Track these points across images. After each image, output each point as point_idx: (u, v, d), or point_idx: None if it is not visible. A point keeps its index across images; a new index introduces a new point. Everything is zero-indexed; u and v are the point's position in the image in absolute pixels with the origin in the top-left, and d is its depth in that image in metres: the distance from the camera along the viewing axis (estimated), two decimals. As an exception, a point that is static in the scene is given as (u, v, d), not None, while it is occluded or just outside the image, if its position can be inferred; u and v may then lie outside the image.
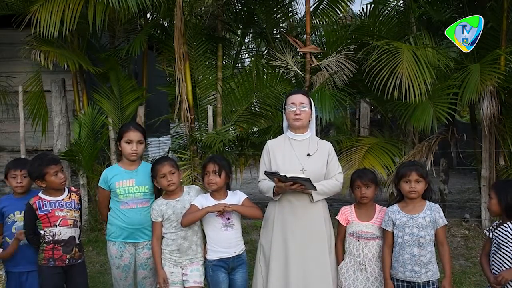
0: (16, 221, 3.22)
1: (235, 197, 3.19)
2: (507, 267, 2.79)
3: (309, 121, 3.24)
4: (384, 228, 3.04)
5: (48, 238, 3.06)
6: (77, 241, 3.15)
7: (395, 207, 3.05)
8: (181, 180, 3.30)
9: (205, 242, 3.20)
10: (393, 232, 3.01)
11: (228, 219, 3.12)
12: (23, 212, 3.16)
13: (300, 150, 3.18)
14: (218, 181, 3.11)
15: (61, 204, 3.12)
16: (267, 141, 3.32)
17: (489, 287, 2.89)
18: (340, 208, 3.26)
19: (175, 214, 3.13)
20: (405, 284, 2.96)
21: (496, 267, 2.85)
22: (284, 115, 3.30)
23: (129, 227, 3.20)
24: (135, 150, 3.23)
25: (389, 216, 3.02)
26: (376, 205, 3.20)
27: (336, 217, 3.23)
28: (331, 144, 3.26)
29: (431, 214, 2.94)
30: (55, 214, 3.07)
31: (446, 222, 2.99)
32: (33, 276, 3.18)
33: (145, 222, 3.22)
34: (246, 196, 3.23)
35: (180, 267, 3.15)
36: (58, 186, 3.12)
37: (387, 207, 3.14)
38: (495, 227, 2.91)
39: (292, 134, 3.24)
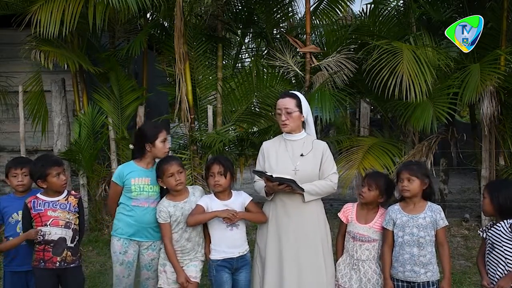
0: (20, 221, 3.20)
1: (240, 198, 3.19)
2: (501, 267, 2.79)
3: (303, 121, 3.23)
4: (385, 227, 3.04)
5: (39, 237, 3.03)
6: (68, 243, 3.08)
7: (396, 206, 3.05)
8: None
9: (209, 242, 3.20)
10: (393, 232, 3.01)
11: None
12: None
13: (294, 150, 3.17)
14: (223, 182, 3.11)
15: (55, 205, 3.09)
16: (263, 142, 3.32)
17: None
18: (343, 206, 3.26)
19: (184, 216, 3.12)
20: (404, 284, 2.96)
21: (491, 267, 2.85)
22: None
23: (137, 224, 3.20)
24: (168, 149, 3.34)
25: (390, 215, 3.02)
26: (380, 208, 3.17)
27: (338, 213, 3.23)
28: (326, 144, 3.25)
29: (432, 215, 2.94)
30: (47, 214, 3.05)
31: (447, 223, 2.98)
32: None
33: (153, 222, 3.22)
34: (251, 198, 3.22)
35: (181, 266, 3.15)
36: (59, 188, 3.11)
37: (387, 206, 3.14)
38: (488, 227, 2.92)
39: (287, 134, 3.24)
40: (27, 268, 3.18)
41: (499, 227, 2.82)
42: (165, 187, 3.19)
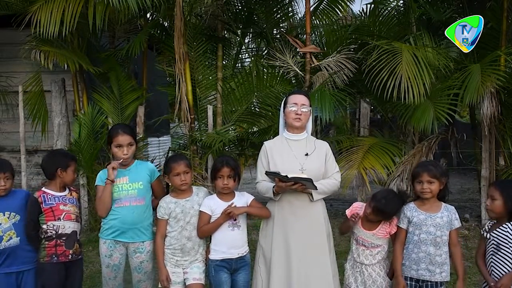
0: (0, 223, 3.13)
1: (243, 198, 3.19)
2: (508, 268, 2.78)
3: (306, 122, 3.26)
4: (399, 225, 3.03)
5: (51, 232, 3.09)
6: (78, 236, 3.22)
7: (412, 204, 3.04)
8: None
9: (208, 242, 3.20)
10: (406, 230, 3.00)
11: (235, 219, 3.12)
12: (6, 213, 3.12)
13: (298, 150, 3.17)
14: (232, 185, 3.14)
15: (65, 199, 3.19)
16: (264, 142, 3.30)
17: (486, 287, 2.88)
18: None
19: (183, 213, 3.13)
20: (413, 282, 2.95)
21: (496, 268, 2.83)
22: (282, 114, 3.29)
23: (121, 225, 3.20)
24: (126, 155, 3.23)
25: (404, 213, 3.02)
26: None
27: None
28: (327, 144, 3.28)
29: (448, 215, 2.95)
30: (60, 208, 3.14)
31: (461, 224, 2.99)
32: (28, 275, 3.17)
33: (138, 222, 3.22)
34: (253, 197, 3.23)
35: (182, 268, 3.15)
36: (70, 182, 3.25)
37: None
38: (490, 226, 2.91)
39: (289, 134, 3.24)
40: (17, 269, 3.16)
41: (506, 228, 2.80)
42: (169, 184, 3.22)
